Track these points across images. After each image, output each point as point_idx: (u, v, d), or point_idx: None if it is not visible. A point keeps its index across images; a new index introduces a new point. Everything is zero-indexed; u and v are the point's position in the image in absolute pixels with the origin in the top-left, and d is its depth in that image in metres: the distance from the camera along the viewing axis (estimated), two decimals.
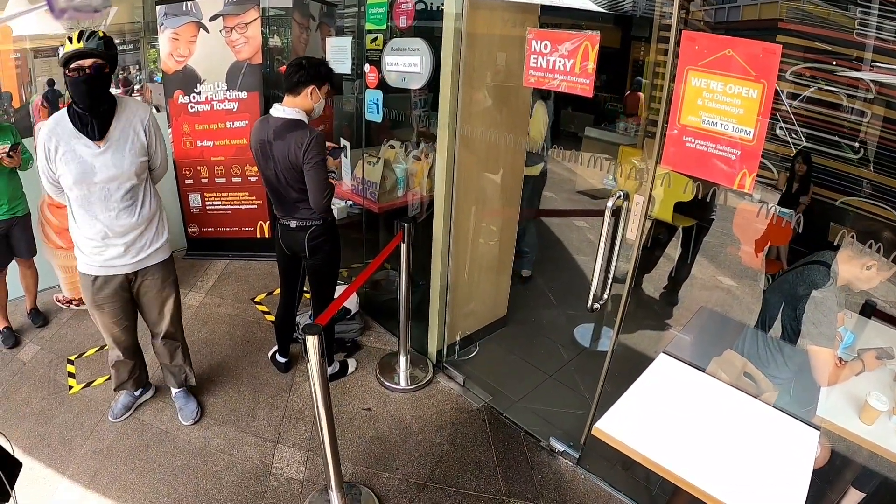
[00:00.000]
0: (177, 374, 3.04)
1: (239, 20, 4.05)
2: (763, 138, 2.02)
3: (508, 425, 3.13)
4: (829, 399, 2.36)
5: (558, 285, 4.44)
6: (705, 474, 1.86)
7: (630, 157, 4.46)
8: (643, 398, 2.15)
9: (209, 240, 4.65)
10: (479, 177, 3.25)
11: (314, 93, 2.71)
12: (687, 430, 2.02)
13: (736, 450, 1.97)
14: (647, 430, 2.00)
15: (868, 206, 3.14)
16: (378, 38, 3.20)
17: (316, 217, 2.87)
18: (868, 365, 2.38)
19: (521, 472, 2.82)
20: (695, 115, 2.11)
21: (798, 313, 2.33)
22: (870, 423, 2.26)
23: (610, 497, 2.72)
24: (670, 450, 1.93)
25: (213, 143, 4.29)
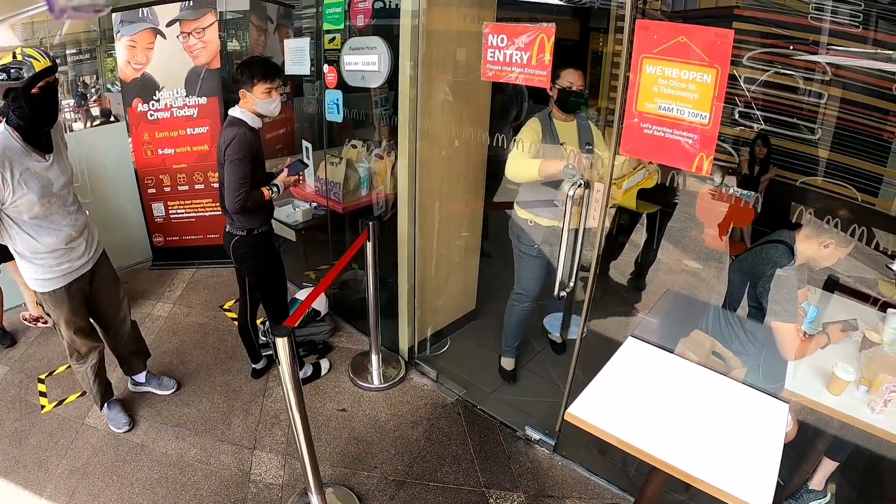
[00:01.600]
0: (142, 350, 3.22)
1: (196, 25, 4.02)
2: (718, 122, 2.08)
3: (483, 417, 3.17)
4: (796, 373, 2.44)
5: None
6: (679, 453, 1.91)
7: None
8: (614, 382, 2.20)
9: (175, 249, 4.61)
10: (442, 172, 3.27)
11: (244, 95, 2.67)
12: (659, 411, 2.08)
13: (708, 427, 2.03)
14: (620, 413, 2.05)
15: (828, 185, 3.24)
16: (336, 37, 3.21)
17: (239, 227, 2.84)
18: (833, 337, 2.48)
19: (498, 462, 2.87)
20: (651, 102, 2.16)
21: (760, 292, 2.40)
22: (838, 393, 2.34)
23: (588, 482, 2.78)
24: (643, 431, 1.98)
25: (175, 151, 4.25)
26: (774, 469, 1.90)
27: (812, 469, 2.73)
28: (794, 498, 2.74)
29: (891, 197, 3.25)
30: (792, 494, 2.75)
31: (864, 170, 3.31)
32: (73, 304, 2.67)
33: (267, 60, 2.75)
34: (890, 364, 2.42)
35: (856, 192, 3.15)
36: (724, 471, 1.86)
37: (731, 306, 2.52)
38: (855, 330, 2.55)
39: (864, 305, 2.88)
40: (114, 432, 2.98)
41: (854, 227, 2.50)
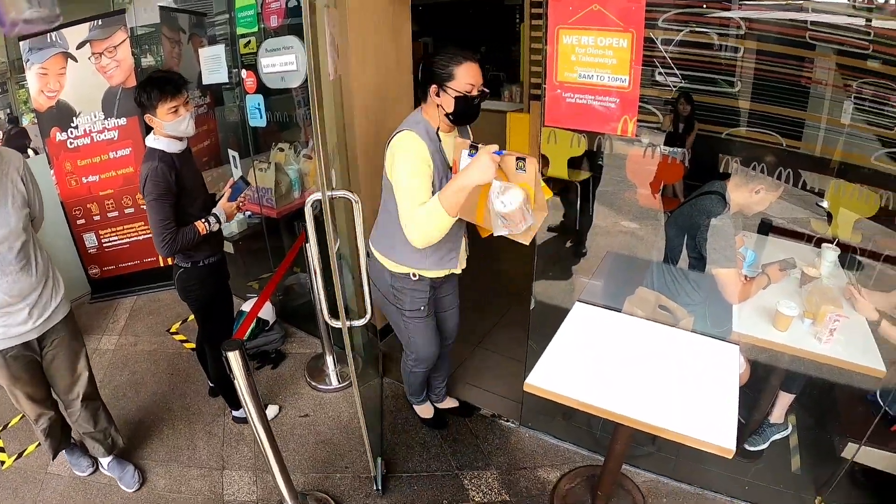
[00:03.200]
0: (103, 440, 2.77)
1: (107, 44, 3.90)
2: (638, 84, 2.15)
3: (465, 405, 3.18)
4: (742, 315, 2.54)
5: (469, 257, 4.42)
6: (640, 406, 1.97)
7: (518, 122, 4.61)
8: (567, 347, 2.26)
9: (112, 278, 4.49)
10: (370, 163, 3.21)
11: (151, 120, 2.42)
12: (615, 369, 2.14)
13: (664, 378, 2.10)
14: (577, 377, 2.10)
15: (752, 134, 3.36)
16: (251, 41, 3.17)
17: (183, 259, 2.65)
18: (773, 277, 2.59)
19: (467, 444, 2.92)
20: (571, 71, 2.21)
21: (698, 242, 2.49)
22: (784, 329, 2.46)
23: (557, 448, 2.87)
24: (602, 390, 2.04)
25: (100, 177, 4.13)
26: (734, 408, 1.99)
27: (770, 404, 2.87)
28: (757, 433, 2.87)
29: (814, 139, 3.38)
30: (755, 431, 2.88)
31: (786, 116, 3.44)
32: (11, 370, 2.37)
33: (165, 76, 2.47)
34: (830, 295, 2.54)
35: (780, 137, 3.26)
36: (686, 417, 1.93)
37: (672, 260, 2.61)
38: (793, 268, 2.67)
39: (799, 244, 3.01)
40: (78, 476, 2.87)
41: (780, 170, 2.61)
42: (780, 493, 2.74)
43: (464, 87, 2.13)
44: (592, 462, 2.81)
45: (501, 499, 2.66)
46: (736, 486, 2.72)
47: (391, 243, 2.37)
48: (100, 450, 2.79)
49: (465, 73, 2.12)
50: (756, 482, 2.77)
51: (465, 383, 3.39)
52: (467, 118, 2.24)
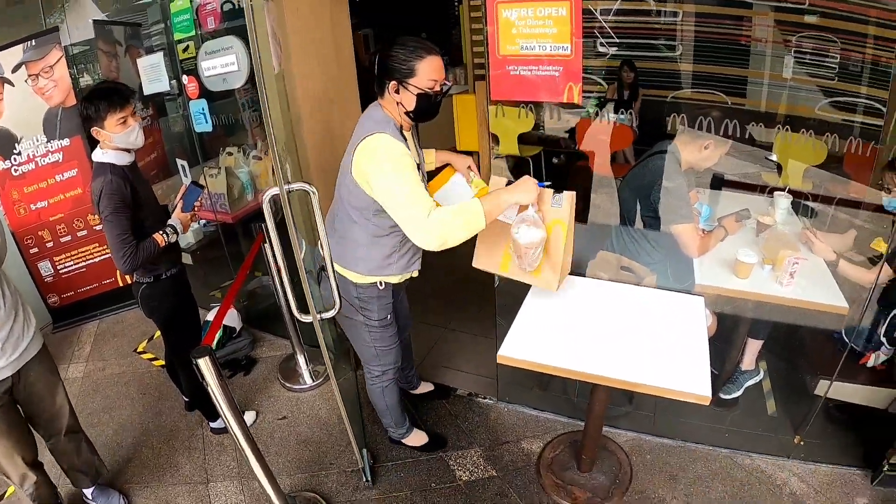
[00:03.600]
0: (87, 469, 2.65)
1: (43, 64, 3.77)
2: (580, 51, 2.18)
3: (442, 386, 3.20)
4: (703, 268, 2.59)
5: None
6: (614, 365, 2.00)
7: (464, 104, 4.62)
8: (535, 316, 2.29)
9: (73, 305, 4.36)
10: (322, 158, 3.19)
11: (98, 133, 2.33)
12: (585, 331, 2.17)
13: (634, 335, 2.14)
14: (549, 343, 2.13)
15: (697, 95, 3.41)
16: (189, 45, 3.11)
17: (144, 274, 2.56)
18: (730, 229, 2.64)
19: (448, 425, 2.94)
20: (512, 45, 2.23)
21: (653, 201, 2.52)
22: (746, 276, 2.52)
23: (537, 419, 2.92)
24: (575, 353, 2.07)
25: (48, 202, 4.00)
26: (705, 357, 2.03)
27: (740, 353, 2.93)
28: (731, 382, 2.94)
29: (758, 95, 3.45)
30: (728, 379, 2.94)
31: (729, 75, 3.51)
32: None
33: (112, 86, 2.42)
34: (787, 240, 2.61)
35: (724, 96, 3.33)
36: (660, 371, 1.97)
37: (628, 222, 2.65)
38: (748, 218, 2.72)
39: (752, 195, 3.08)
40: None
41: (726, 123, 2.66)
42: (759, 436, 2.81)
43: (426, 84, 1.97)
44: (573, 428, 2.85)
45: (488, 475, 2.69)
46: (716, 435, 2.79)
47: (356, 255, 2.21)
48: (84, 481, 2.67)
49: (428, 68, 1.96)
50: (735, 429, 2.84)
51: (439, 367, 3.40)
52: (429, 115, 2.09)
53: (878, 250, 2.61)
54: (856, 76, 2.96)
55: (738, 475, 2.65)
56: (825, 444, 2.73)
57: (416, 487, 2.65)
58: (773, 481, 2.63)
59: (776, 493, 2.58)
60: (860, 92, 2.99)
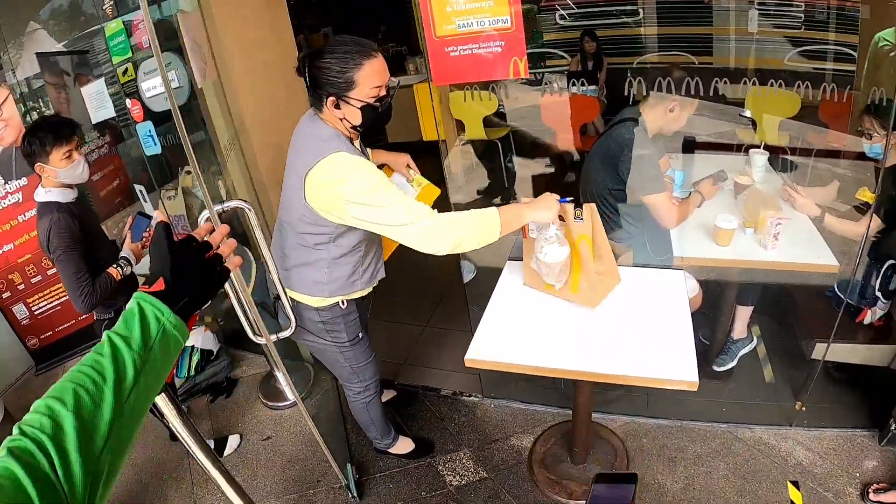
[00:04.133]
0: None
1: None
2: (521, 22, 2.01)
3: (404, 390, 3.02)
4: (682, 239, 2.40)
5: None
6: (592, 357, 1.82)
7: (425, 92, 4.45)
8: (505, 309, 2.09)
9: (52, 345, 4.17)
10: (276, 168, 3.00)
11: (42, 169, 2.19)
12: (560, 322, 1.98)
13: (613, 321, 1.95)
14: (521, 339, 1.95)
15: (663, 59, 3.28)
16: (128, 67, 2.97)
17: (104, 310, 2.41)
18: (706, 193, 2.43)
19: (434, 428, 2.76)
20: (449, 24, 2.03)
21: (621, 173, 2.35)
22: (727, 243, 2.32)
23: (525, 412, 2.74)
24: (550, 348, 1.88)
25: (14, 244, 3.82)
26: (689, 337, 1.84)
27: (730, 321, 2.76)
28: (724, 353, 2.75)
29: (725, 52, 3.33)
30: (720, 350, 2.77)
31: (694, 34, 3.38)
32: None
33: (58, 119, 2.27)
34: (766, 200, 2.42)
35: (691, 57, 3.20)
36: (643, 357, 1.79)
37: (598, 197, 2.46)
38: (725, 180, 2.51)
39: (728, 155, 2.93)
40: None
41: (697, 82, 2.51)
42: (759, 406, 2.64)
43: (369, 94, 1.68)
44: (564, 418, 2.66)
45: (479, 477, 2.51)
46: (714, 411, 2.60)
47: (316, 280, 1.95)
48: None
49: (368, 75, 1.65)
50: (733, 401, 2.65)
51: (420, 367, 3.20)
52: (380, 123, 1.80)
53: (865, 199, 2.47)
54: (822, 24, 2.84)
55: (740, 450, 2.47)
56: (828, 407, 2.55)
57: (407, 498, 2.48)
58: (777, 452, 2.45)
59: (781, 464, 2.40)
60: (829, 39, 2.87)
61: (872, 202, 2.31)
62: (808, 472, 2.38)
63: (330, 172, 1.68)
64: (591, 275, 1.94)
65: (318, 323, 2.06)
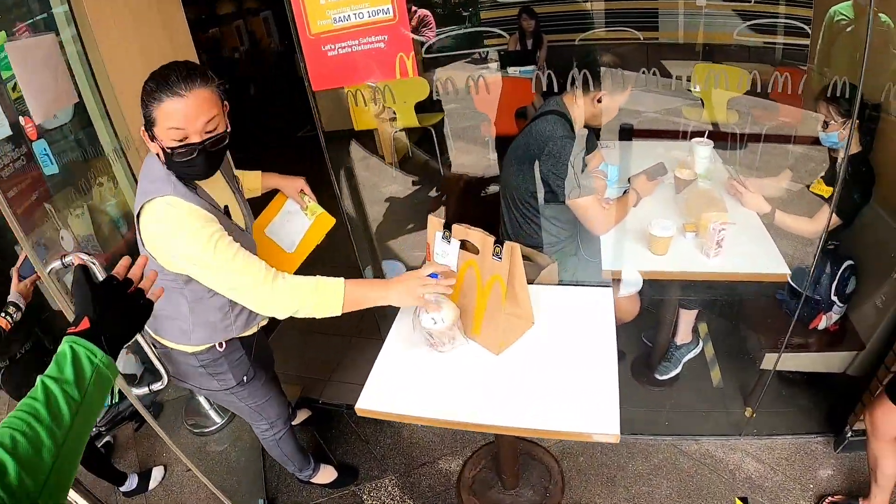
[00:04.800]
0: None
1: None
2: (405, 12, 1.70)
3: (328, 410, 2.70)
4: (611, 247, 2.09)
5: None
6: (504, 406, 1.50)
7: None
8: (404, 347, 1.75)
9: None
10: None
11: None
12: (466, 365, 1.64)
13: (526, 358, 1.63)
14: (422, 378, 1.62)
15: (608, 35, 2.98)
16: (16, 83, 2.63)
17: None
18: (642, 190, 2.13)
19: (358, 453, 2.48)
20: (323, 19, 1.68)
21: (544, 173, 2.04)
22: (664, 252, 2.00)
23: (455, 431, 2.47)
24: (455, 395, 1.56)
25: None
26: (613, 378, 1.51)
27: (673, 327, 2.47)
28: (667, 360, 2.46)
29: (673, 27, 3.07)
30: (663, 357, 2.48)
31: (639, 9, 3.14)
32: None
33: None
34: (710, 198, 2.11)
35: (636, 32, 2.94)
36: (557, 404, 1.48)
37: (517, 200, 2.14)
38: (664, 174, 2.18)
39: (669, 143, 2.66)
40: None
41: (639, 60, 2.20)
42: (705, 415, 2.38)
43: (168, 136, 1.32)
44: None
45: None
46: (656, 423, 2.35)
47: (180, 326, 1.65)
48: None
49: (166, 115, 1.30)
50: (678, 410, 2.39)
51: (337, 383, 2.85)
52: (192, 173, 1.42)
53: (820, 193, 2.19)
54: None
55: (685, 465, 2.22)
56: (780, 412, 2.30)
57: None
58: (724, 466, 2.20)
59: (729, 479, 2.16)
60: (780, 13, 2.61)
61: (828, 196, 2.05)
62: (759, 486, 2.14)
63: (157, 221, 1.39)
64: (497, 316, 1.61)
65: (197, 368, 1.73)
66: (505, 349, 1.66)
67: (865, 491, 1.99)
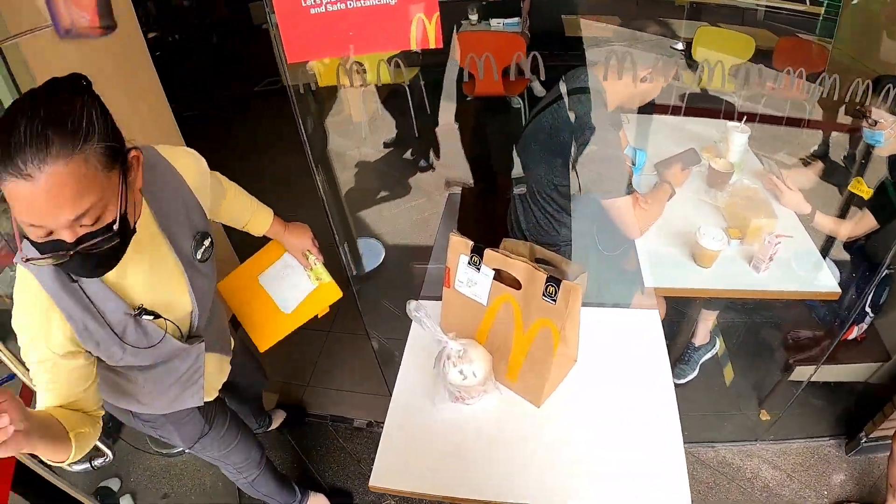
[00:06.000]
0: None
1: None
2: None
3: (310, 423, 2.29)
4: (652, 265, 1.69)
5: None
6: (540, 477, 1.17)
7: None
8: (419, 394, 1.36)
9: None
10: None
11: None
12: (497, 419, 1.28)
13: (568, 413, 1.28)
14: (443, 448, 1.27)
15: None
16: None
17: None
18: (676, 182, 1.75)
19: (350, 474, 2.11)
20: None
21: (572, 166, 1.67)
22: (709, 265, 1.65)
23: None
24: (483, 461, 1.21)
25: None
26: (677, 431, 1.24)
27: (693, 327, 2.18)
28: (684, 362, 2.16)
29: None
30: (679, 359, 2.19)
31: None
32: None
33: None
34: (755, 200, 1.72)
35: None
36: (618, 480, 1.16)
37: (541, 195, 1.72)
38: (697, 163, 1.81)
39: (686, 120, 2.28)
40: None
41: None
42: (721, 418, 2.14)
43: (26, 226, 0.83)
44: None
45: None
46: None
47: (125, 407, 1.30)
48: None
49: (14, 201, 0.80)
50: (693, 415, 2.12)
51: (326, 389, 2.42)
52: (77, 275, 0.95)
53: (859, 193, 1.90)
54: None
55: (703, 476, 1.97)
56: (794, 415, 2.04)
57: None
58: (742, 474, 1.98)
59: (748, 488, 1.93)
60: None
61: (868, 197, 1.77)
62: (776, 494, 1.93)
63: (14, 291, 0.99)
64: (544, 364, 1.23)
65: (141, 424, 1.37)
66: (546, 399, 1.31)
67: (878, 498, 1.87)
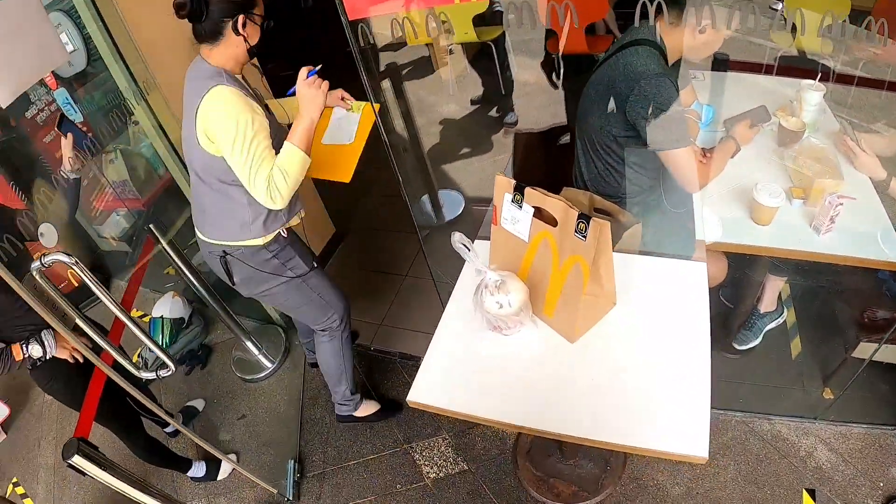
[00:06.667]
0: None
1: None
2: None
3: (380, 359, 2.39)
4: (708, 219, 1.67)
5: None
6: (570, 408, 1.20)
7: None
8: (461, 327, 1.43)
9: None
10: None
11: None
12: (533, 353, 1.33)
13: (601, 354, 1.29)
14: (479, 373, 1.32)
15: None
16: None
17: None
18: (742, 139, 1.63)
19: (411, 409, 2.27)
20: None
21: (630, 116, 1.60)
22: (768, 222, 1.58)
23: None
24: (516, 389, 1.26)
25: None
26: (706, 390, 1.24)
27: (759, 293, 2.07)
28: (747, 328, 2.05)
29: None
30: (743, 324, 2.08)
31: None
32: None
33: None
34: (823, 159, 1.60)
35: None
36: (633, 413, 1.18)
37: (597, 144, 1.69)
38: (767, 121, 1.68)
39: (765, 79, 2.14)
40: None
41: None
42: (781, 392, 1.99)
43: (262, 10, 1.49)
44: None
45: (459, 469, 1.98)
46: (729, 397, 2.00)
47: (241, 221, 1.63)
48: None
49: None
50: (752, 384, 2.02)
51: (397, 328, 2.51)
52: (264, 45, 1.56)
53: None
54: None
55: (754, 447, 1.87)
56: (858, 398, 1.90)
57: (380, 491, 1.99)
58: (795, 452, 1.86)
59: (798, 467, 1.82)
60: None
61: None
62: (828, 478, 1.80)
63: (212, 109, 1.43)
64: (576, 301, 1.24)
65: (271, 260, 1.71)
66: (581, 336, 1.32)
67: None
